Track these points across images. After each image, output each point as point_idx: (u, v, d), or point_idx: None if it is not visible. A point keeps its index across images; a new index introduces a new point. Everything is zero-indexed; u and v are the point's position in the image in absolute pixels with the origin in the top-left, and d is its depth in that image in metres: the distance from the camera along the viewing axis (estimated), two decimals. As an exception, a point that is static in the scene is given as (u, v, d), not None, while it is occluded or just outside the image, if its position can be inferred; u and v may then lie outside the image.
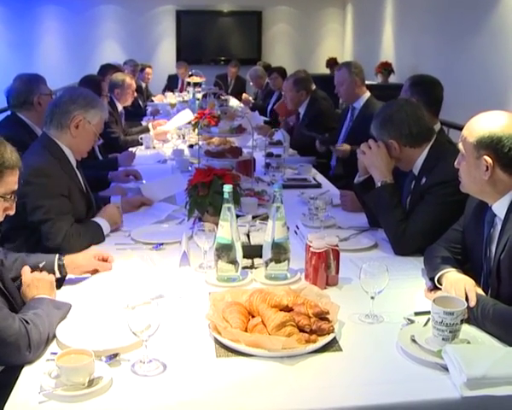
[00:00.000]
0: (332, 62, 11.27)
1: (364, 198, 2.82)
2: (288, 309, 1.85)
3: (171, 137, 5.43)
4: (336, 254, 2.25)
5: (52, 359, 1.66)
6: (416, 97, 3.23)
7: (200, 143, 4.17)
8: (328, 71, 11.26)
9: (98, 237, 2.72)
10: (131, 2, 11.74)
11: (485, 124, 1.98)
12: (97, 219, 2.78)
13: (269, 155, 4.37)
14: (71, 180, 2.75)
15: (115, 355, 1.68)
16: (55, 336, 1.81)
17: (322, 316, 1.85)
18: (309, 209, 2.99)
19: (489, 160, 1.95)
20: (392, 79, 9.04)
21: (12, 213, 1.91)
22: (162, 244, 2.66)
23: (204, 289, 2.21)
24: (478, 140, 1.96)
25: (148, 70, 9.29)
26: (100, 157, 4.59)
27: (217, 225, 2.37)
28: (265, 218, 2.97)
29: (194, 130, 5.57)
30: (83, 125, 2.75)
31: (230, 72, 10.71)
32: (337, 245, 2.26)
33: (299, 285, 2.13)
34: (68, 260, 2.26)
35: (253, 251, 2.42)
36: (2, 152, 1.82)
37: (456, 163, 2.12)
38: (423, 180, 2.61)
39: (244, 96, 9.09)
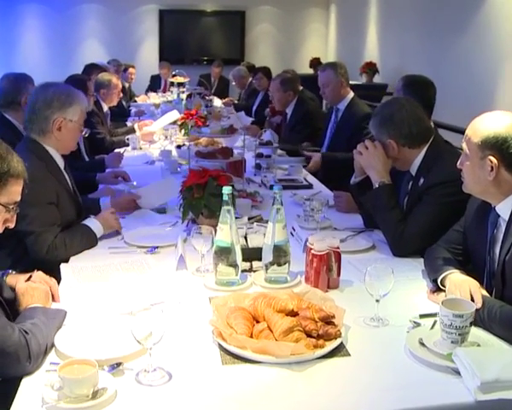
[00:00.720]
0: (315, 62, 11.29)
1: (361, 199, 2.78)
2: (293, 314, 1.81)
3: (158, 137, 5.36)
4: (338, 256, 2.21)
5: (52, 369, 1.60)
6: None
7: (188, 143, 4.11)
8: (311, 71, 11.27)
9: (90, 241, 2.64)
10: (114, 1, 11.59)
11: (489, 124, 1.96)
12: (88, 222, 2.71)
13: (259, 155, 4.33)
14: (59, 183, 2.67)
15: (118, 364, 1.63)
16: (53, 346, 1.74)
17: (327, 320, 1.81)
18: (304, 211, 2.95)
19: (494, 160, 1.93)
20: (377, 79, 9.06)
21: (12, 225, 1.84)
22: (157, 248, 2.60)
23: (203, 293, 2.16)
24: (483, 140, 1.95)
25: (131, 70, 9.18)
26: (86, 158, 4.51)
27: (213, 226, 2.34)
28: (260, 219, 2.94)
29: (180, 130, 5.52)
30: (65, 125, 2.66)
31: (214, 72, 10.66)
32: (338, 247, 2.22)
33: (301, 289, 2.10)
34: (11, 279, 2.04)
35: (251, 254, 2.38)
36: (9, 160, 1.75)
37: (458, 163, 2.10)
38: (421, 181, 2.59)
39: (226, 100, 9.07)
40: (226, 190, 2.17)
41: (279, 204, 2.19)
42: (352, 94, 4.63)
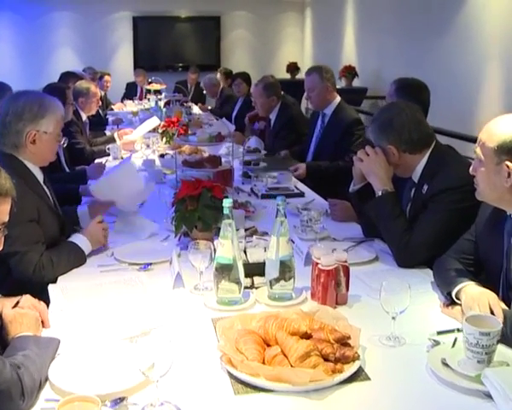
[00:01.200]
0: (292, 67, 11.25)
1: (363, 208, 2.67)
2: (306, 336, 1.69)
3: (139, 146, 5.20)
4: (346, 270, 2.09)
5: (49, 408, 1.45)
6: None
7: (172, 152, 3.98)
8: (288, 76, 11.20)
9: (78, 259, 2.48)
10: (86, 9, 11.37)
11: (505, 128, 1.86)
12: (75, 238, 2.55)
13: (246, 163, 4.20)
14: (39, 198, 2.49)
15: (122, 399, 1.48)
16: (47, 380, 1.59)
17: (343, 342, 1.69)
18: (301, 221, 2.83)
19: (511, 165, 1.84)
20: (356, 83, 9.01)
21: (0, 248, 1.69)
22: (150, 264, 2.46)
23: (204, 313, 2.03)
24: (499, 145, 1.85)
25: (107, 78, 8.98)
26: (67, 169, 4.34)
27: (207, 240, 2.23)
28: (255, 231, 2.80)
29: (161, 139, 5.37)
30: (39, 137, 2.47)
31: (190, 78, 10.52)
32: (346, 260, 2.11)
33: (310, 307, 1.96)
34: None
35: (252, 269, 2.24)
36: None
37: (471, 169, 2.00)
38: (425, 188, 2.48)
39: (200, 106, 8.96)
40: (227, 202, 2.04)
41: (282, 216, 2.07)
42: (338, 98, 4.53)
